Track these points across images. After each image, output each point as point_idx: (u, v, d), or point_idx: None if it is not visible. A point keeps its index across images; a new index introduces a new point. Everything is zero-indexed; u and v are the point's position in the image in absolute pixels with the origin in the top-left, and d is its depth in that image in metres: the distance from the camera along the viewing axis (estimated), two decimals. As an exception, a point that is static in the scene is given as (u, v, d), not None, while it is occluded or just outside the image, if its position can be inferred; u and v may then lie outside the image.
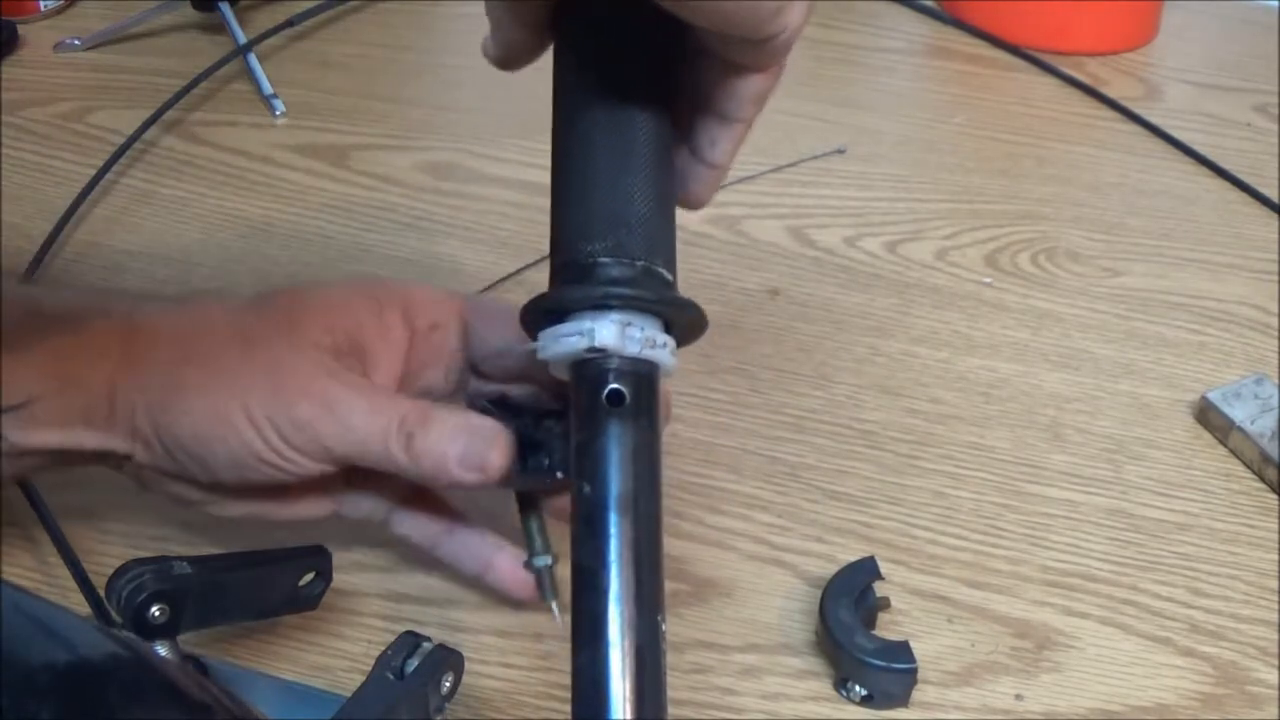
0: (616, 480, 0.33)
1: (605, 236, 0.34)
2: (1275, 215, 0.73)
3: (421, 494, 0.45)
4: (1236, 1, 0.97)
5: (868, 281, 0.65)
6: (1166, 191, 0.74)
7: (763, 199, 0.71)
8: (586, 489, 0.33)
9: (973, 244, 0.68)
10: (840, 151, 0.75)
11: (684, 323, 0.36)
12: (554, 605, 0.43)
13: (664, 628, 0.33)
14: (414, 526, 0.45)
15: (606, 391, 0.34)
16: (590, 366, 0.34)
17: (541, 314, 0.36)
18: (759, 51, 0.35)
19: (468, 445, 0.40)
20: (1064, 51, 0.87)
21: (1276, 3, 0.95)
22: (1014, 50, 0.88)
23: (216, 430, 0.40)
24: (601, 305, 0.34)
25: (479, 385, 0.46)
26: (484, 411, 0.42)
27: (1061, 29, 0.88)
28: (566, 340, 0.34)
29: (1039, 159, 0.77)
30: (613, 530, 0.33)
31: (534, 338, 0.37)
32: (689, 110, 0.38)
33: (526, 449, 0.41)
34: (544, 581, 0.43)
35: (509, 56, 0.38)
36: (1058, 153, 0.77)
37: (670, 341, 0.35)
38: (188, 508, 0.44)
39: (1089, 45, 0.88)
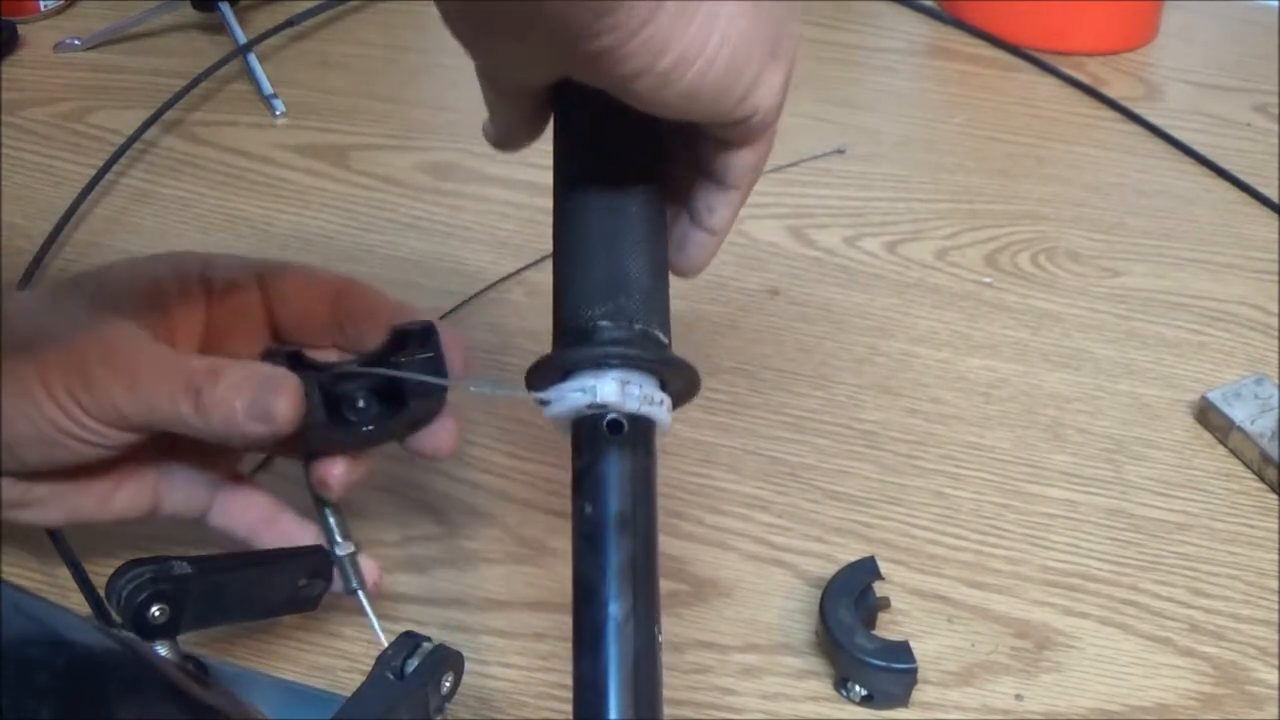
0: (615, 501, 0.35)
1: (604, 302, 0.37)
2: (1275, 215, 0.73)
3: (240, 484, 0.45)
4: (1236, 1, 0.97)
5: (868, 281, 0.65)
6: (1166, 191, 0.74)
7: (763, 199, 0.71)
8: (588, 509, 0.35)
9: (973, 244, 0.68)
10: (840, 151, 0.75)
11: (679, 383, 0.38)
12: (360, 594, 0.43)
13: (660, 638, 0.34)
14: (232, 518, 0.45)
15: (607, 420, 0.36)
16: (591, 420, 0.36)
17: (546, 374, 0.37)
18: (739, 130, 0.37)
19: (255, 395, 0.39)
20: (1064, 51, 0.87)
21: (1276, 3, 0.95)
22: (1014, 50, 0.88)
23: (18, 406, 0.40)
24: (602, 364, 0.36)
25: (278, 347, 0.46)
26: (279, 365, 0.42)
27: (1061, 29, 0.88)
28: (571, 396, 0.36)
29: (1039, 159, 0.77)
30: (611, 547, 0.34)
31: (541, 394, 0.38)
32: (688, 178, 0.40)
33: (328, 405, 0.41)
34: (346, 570, 0.43)
35: (508, 140, 0.39)
36: (1058, 153, 0.77)
37: (667, 400, 0.37)
38: (8, 514, 0.43)
39: (1089, 45, 0.88)
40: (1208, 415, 0.57)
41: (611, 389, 0.35)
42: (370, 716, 0.37)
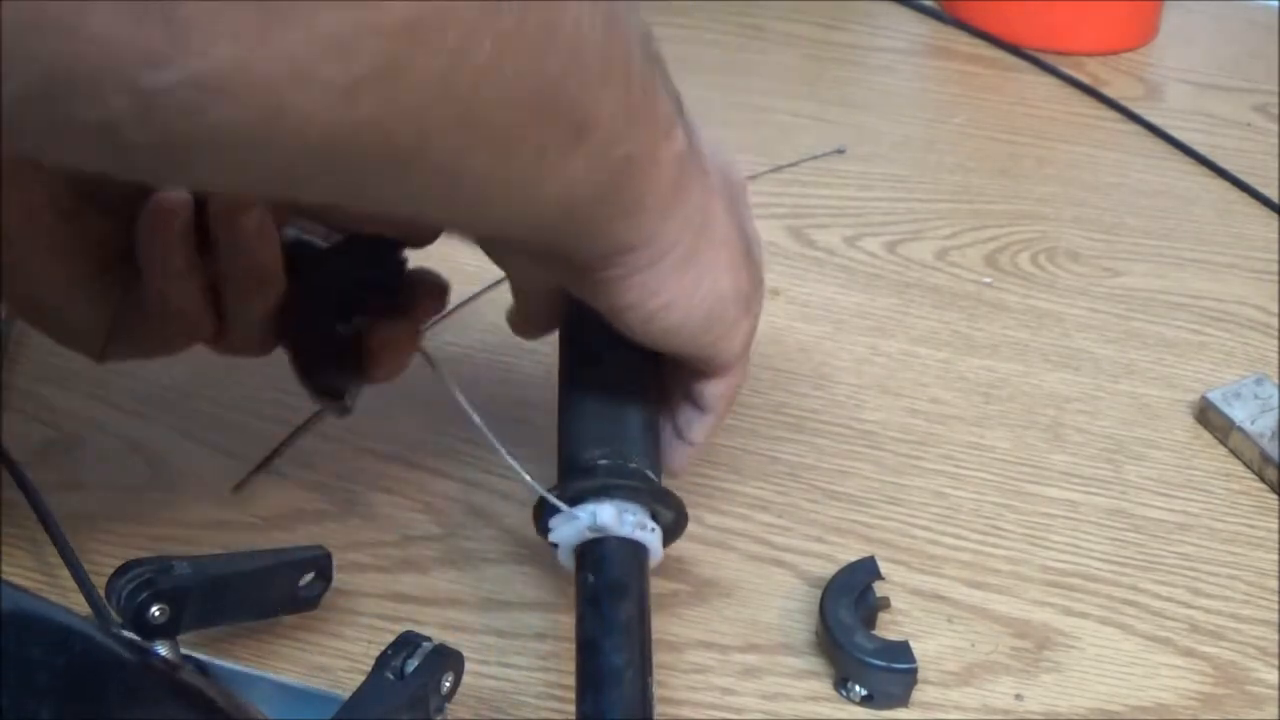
0: (612, 573, 0.40)
1: (604, 445, 0.43)
2: (1275, 215, 0.73)
3: None
4: (1236, 1, 0.97)
5: (868, 281, 0.65)
6: (1166, 191, 0.74)
7: (763, 199, 0.71)
8: (590, 578, 0.41)
9: (973, 244, 0.68)
10: (840, 151, 0.75)
11: (670, 519, 0.43)
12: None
13: (654, 689, 0.39)
14: None
15: None
16: (590, 545, 0.42)
17: (552, 506, 0.42)
18: (712, 365, 0.43)
19: None
20: (1064, 51, 0.87)
21: (1276, 3, 0.95)
22: (1014, 50, 0.88)
23: None
24: (602, 493, 0.42)
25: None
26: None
27: (1061, 29, 0.88)
28: (573, 523, 0.41)
29: (1039, 159, 0.77)
30: (611, 610, 0.40)
31: (544, 532, 0.43)
32: (674, 398, 0.46)
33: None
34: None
35: (524, 331, 0.47)
36: (1058, 153, 0.77)
37: (658, 530, 0.42)
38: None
39: (1089, 45, 0.88)
40: (1208, 415, 0.57)
41: (609, 514, 0.41)
42: (370, 716, 0.37)
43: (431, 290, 0.45)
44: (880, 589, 0.47)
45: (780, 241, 0.68)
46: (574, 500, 0.42)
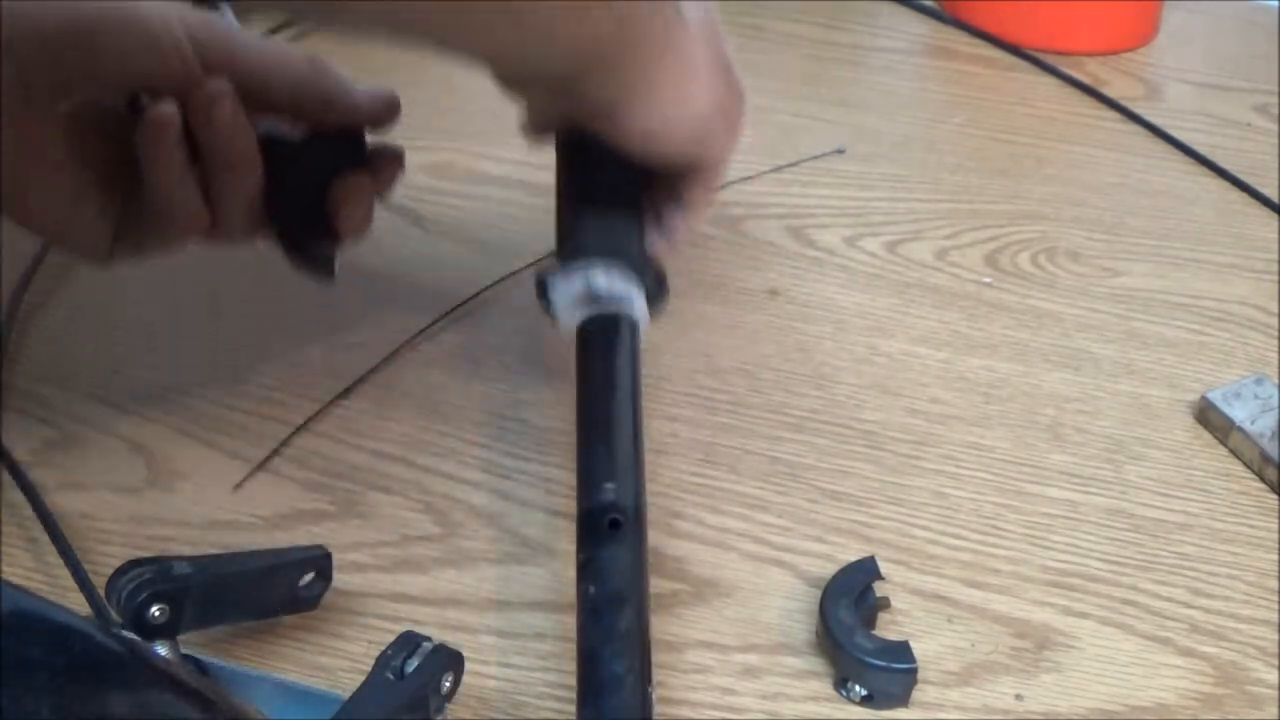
0: (613, 584, 0.41)
1: (597, 233, 0.50)
2: (1275, 215, 0.73)
3: None
4: (1236, 1, 0.97)
5: (868, 281, 0.65)
6: (1166, 191, 0.74)
7: (763, 199, 0.71)
8: (591, 589, 0.41)
9: (973, 244, 0.68)
10: (840, 151, 0.76)
11: (652, 284, 0.50)
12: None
13: (654, 695, 0.40)
14: None
15: (608, 521, 0.43)
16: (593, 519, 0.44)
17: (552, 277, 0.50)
18: (695, 171, 0.52)
19: None
20: (1064, 51, 0.87)
21: (1276, 3, 0.95)
22: (1014, 50, 0.88)
23: None
24: (595, 260, 0.49)
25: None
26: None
27: (1061, 29, 0.88)
28: (569, 283, 0.49)
29: (1039, 159, 0.77)
30: (611, 619, 0.40)
31: (546, 300, 0.50)
32: (659, 198, 0.54)
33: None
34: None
35: (535, 140, 0.53)
36: (1058, 153, 0.77)
37: (642, 291, 0.50)
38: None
39: (1089, 45, 0.88)
40: (1208, 415, 0.57)
41: (600, 273, 0.48)
42: (370, 716, 0.37)
43: (389, 155, 0.51)
44: (880, 589, 0.47)
45: (780, 241, 0.68)
46: (570, 268, 0.49)
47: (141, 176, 0.45)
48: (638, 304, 0.49)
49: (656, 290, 0.50)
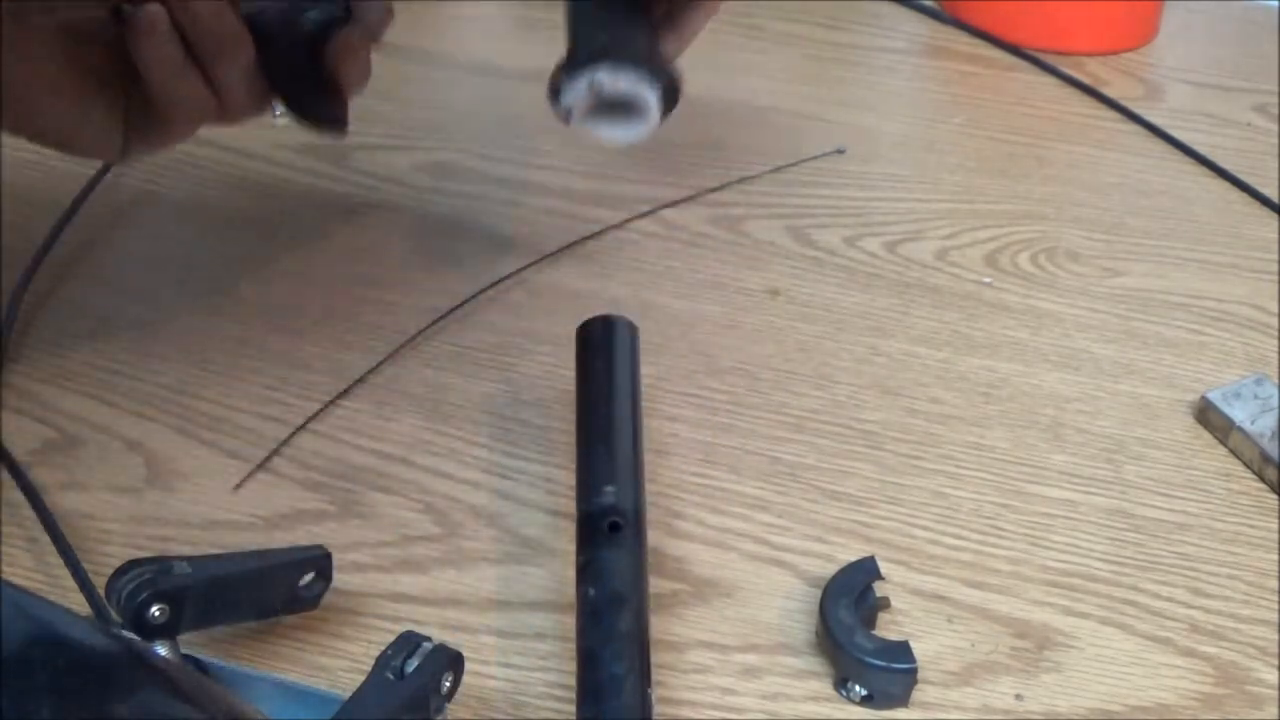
0: (613, 585, 0.41)
1: (609, 29, 0.50)
2: (1275, 215, 0.73)
3: None
4: (1236, 1, 0.97)
5: (868, 281, 0.65)
6: (1166, 191, 0.74)
7: (763, 199, 0.71)
8: (591, 591, 0.41)
9: (973, 244, 0.68)
10: (840, 151, 0.76)
11: (666, 81, 0.49)
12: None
13: (654, 696, 0.40)
14: None
15: (607, 524, 0.43)
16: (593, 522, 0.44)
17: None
18: None
19: None
20: (1064, 51, 0.87)
21: (1276, 3, 0.95)
22: (1014, 50, 0.88)
23: None
24: (604, 57, 0.48)
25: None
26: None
27: (1061, 29, 0.88)
28: (577, 84, 0.47)
29: (1039, 159, 0.77)
30: (611, 621, 0.40)
31: (557, 99, 0.48)
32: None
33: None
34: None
35: None
36: (1058, 153, 0.77)
37: (656, 89, 0.48)
38: None
39: (1089, 45, 0.88)
40: (1208, 415, 0.57)
41: (606, 71, 0.47)
42: (370, 716, 0.37)
43: (378, 7, 0.52)
44: (880, 589, 0.47)
45: (780, 241, 0.68)
46: (577, 70, 0.47)
47: (142, 76, 0.47)
48: (649, 103, 0.48)
49: (668, 89, 0.49)
